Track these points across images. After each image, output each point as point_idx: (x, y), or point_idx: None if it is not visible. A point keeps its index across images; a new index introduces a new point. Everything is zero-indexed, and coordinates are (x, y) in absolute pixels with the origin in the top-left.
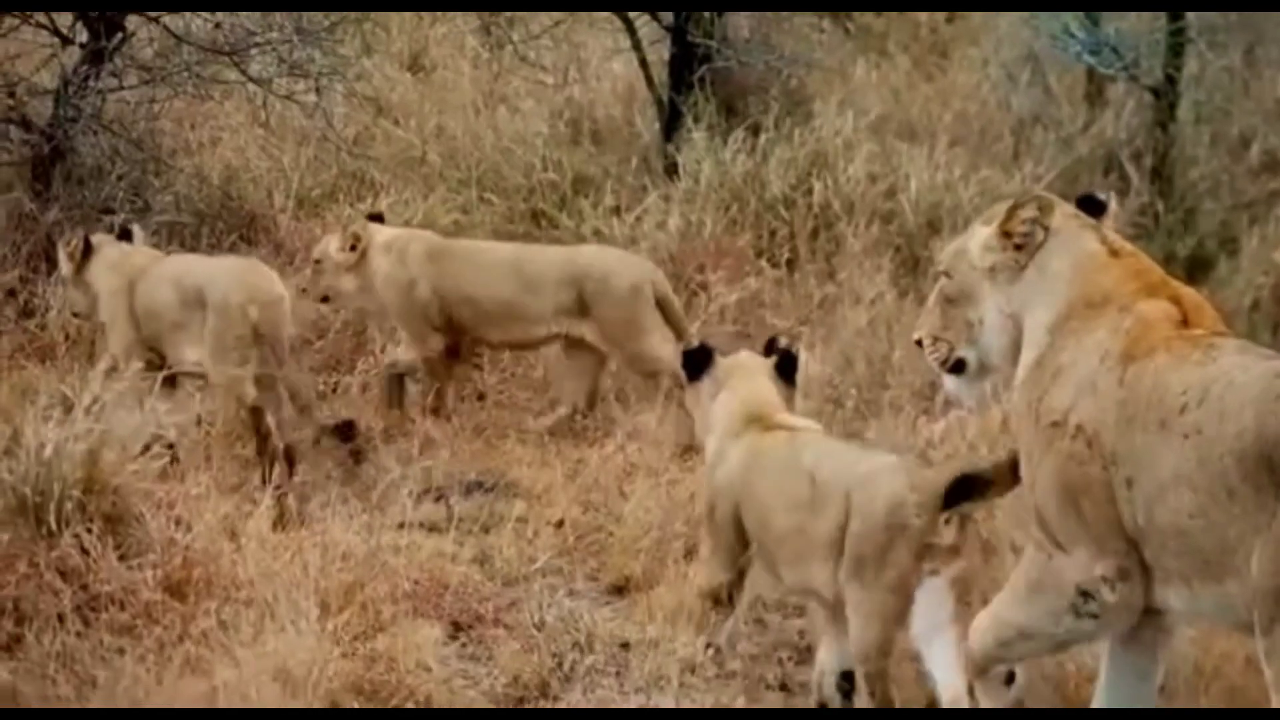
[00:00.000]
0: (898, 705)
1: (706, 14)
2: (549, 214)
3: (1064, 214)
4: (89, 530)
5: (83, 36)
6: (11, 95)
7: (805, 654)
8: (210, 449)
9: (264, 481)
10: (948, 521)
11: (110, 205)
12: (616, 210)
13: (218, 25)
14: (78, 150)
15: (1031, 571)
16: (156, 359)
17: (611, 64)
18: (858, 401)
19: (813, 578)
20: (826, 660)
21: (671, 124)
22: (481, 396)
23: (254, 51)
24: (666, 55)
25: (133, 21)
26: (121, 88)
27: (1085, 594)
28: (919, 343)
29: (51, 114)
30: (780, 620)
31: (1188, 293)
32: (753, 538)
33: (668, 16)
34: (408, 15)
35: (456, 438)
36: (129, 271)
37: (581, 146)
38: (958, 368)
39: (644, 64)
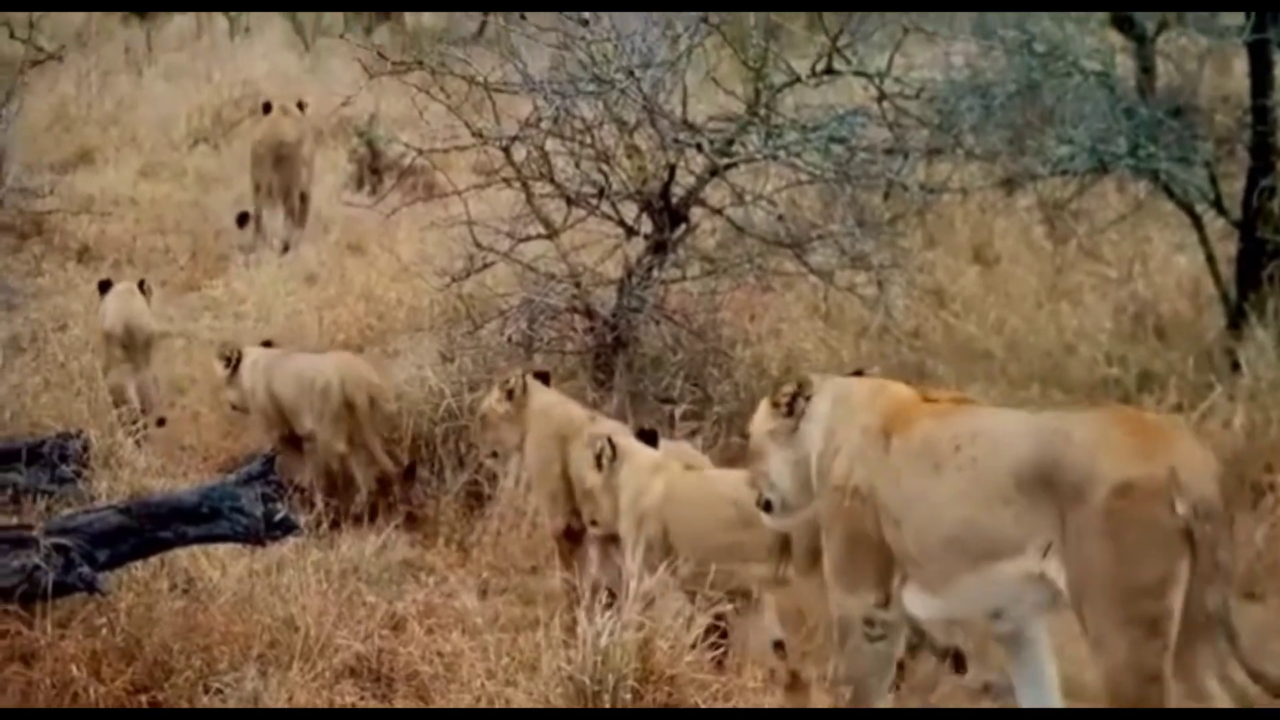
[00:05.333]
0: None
1: (1276, 210)
2: None
3: (822, 380)
4: None
5: (647, 228)
6: (577, 285)
7: None
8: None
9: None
10: None
11: (670, 394)
12: (1179, 407)
13: (780, 217)
14: (640, 339)
15: (838, 634)
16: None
17: (1177, 258)
18: None
19: (750, 578)
20: (760, 641)
21: (1238, 320)
22: None
23: (815, 243)
24: (1233, 250)
25: (696, 213)
26: (684, 278)
27: (869, 622)
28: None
29: (615, 303)
30: None
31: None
32: (684, 552)
33: (1235, 211)
34: (972, 209)
35: None
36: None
37: (1145, 342)
38: (767, 508)
39: (1210, 259)
